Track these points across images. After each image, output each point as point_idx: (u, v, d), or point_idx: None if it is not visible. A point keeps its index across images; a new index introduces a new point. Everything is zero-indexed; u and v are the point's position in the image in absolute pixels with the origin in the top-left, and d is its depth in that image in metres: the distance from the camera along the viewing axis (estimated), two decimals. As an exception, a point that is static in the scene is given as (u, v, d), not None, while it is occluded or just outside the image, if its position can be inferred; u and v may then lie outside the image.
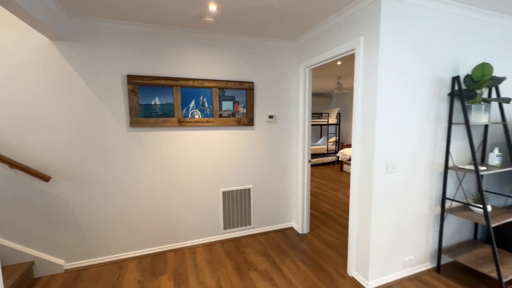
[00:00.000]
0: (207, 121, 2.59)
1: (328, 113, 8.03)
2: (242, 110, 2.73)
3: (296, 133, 2.97)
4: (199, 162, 2.66)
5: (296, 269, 2.28)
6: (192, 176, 2.65)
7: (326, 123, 7.61)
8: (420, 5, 1.88)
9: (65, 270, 2.30)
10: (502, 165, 2.14)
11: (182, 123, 2.51)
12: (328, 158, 7.59)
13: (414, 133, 2.03)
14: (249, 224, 2.95)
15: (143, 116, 2.38)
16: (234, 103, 2.69)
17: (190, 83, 2.50)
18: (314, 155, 7.51)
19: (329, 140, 8.10)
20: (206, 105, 2.59)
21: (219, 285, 2.07)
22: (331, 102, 9.02)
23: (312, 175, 6.22)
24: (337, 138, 8.12)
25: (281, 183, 3.05)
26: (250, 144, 2.85)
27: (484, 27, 2.18)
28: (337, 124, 7.97)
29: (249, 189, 2.89)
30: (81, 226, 2.32)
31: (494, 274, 1.84)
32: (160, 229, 2.59)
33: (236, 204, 2.86)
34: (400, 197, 2.03)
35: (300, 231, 3.00)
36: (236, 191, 2.84)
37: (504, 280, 1.82)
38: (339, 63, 4.01)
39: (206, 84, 2.55)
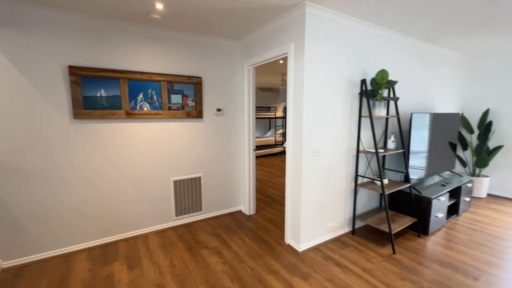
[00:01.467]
0: (156, 114, 2.69)
1: (276, 107, 8.60)
2: (191, 103, 2.90)
3: (242, 125, 3.28)
4: (149, 153, 2.76)
5: (242, 244, 2.61)
6: (143, 166, 2.74)
7: (274, 116, 8.15)
8: (336, 20, 2.34)
9: (2, 269, 2.19)
10: (396, 149, 2.82)
11: (131, 115, 2.57)
12: (276, 149, 8.18)
13: (334, 124, 2.52)
14: (201, 210, 3.17)
15: (88, 108, 2.37)
16: (183, 97, 2.84)
17: (138, 76, 2.56)
18: (263, 146, 8.00)
19: (277, 132, 8.70)
20: (155, 98, 2.68)
21: (172, 263, 2.27)
22: (279, 97, 9.63)
23: (261, 164, 6.69)
24: (284, 130, 8.77)
25: (229, 170, 3.34)
26: (200, 135, 3.05)
27: (386, 41, 2.79)
28: (284, 117, 8.60)
29: (199, 178, 3.10)
30: (18, 221, 2.22)
31: (387, 229, 2.47)
32: (110, 220, 2.63)
33: (188, 192, 3.05)
34: (323, 175, 2.52)
35: (247, 213, 3.35)
36: (187, 179, 3.03)
37: (393, 232, 2.46)
38: (281, 61, 4.43)
39: (155, 77, 2.64)
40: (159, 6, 2.12)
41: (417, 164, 2.97)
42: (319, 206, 2.54)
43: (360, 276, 2.09)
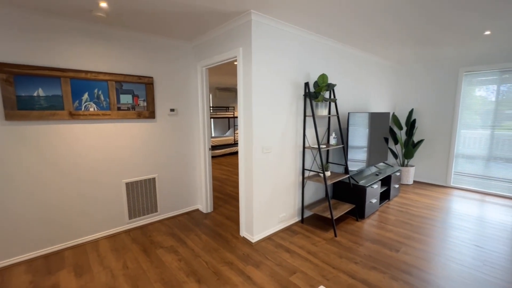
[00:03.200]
0: (104, 114, 2.60)
1: (234, 107, 8.72)
2: (142, 103, 2.86)
3: (197, 125, 3.33)
4: (98, 155, 2.65)
5: (198, 240, 2.69)
6: (91, 170, 2.62)
7: (232, 116, 8.27)
8: (281, 28, 2.56)
9: None
10: (337, 144, 3.17)
11: (75, 116, 2.45)
12: (235, 148, 8.31)
13: (282, 123, 2.74)
14: (156, 211, 3.14)
15: (22, 109, 2.19)
16: (133, 97, 2.79)
17: (82, 75, 2.45)
18: (222, 146, 8.07)
19: (236, 132, 8.84)
20: (102, 98, 2.59)
21: (125, 266, 2.25)
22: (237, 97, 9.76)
23: (221, 163, 6.76)
24: (243, 129, 8.93)
25: (186, 170, 3.36)
26: (153, 135, 3.02)
27: (327, 48, 3.12)
28: (243, 117, 8.76)
29: (154, 178, 3.07)
30: None
31: (330, 216, 2.79)
32: (54, 228, 2.46)
33: (141, 194, 3.00)
34: (273, 170, 2.73)
35: (204, 211, 3.42)
36: (141, 181, 2.97)
37: (334, 218, 2.79)
38: (236, 63, 4.56)
39: (101, 77, 2.55)
40: (103, 4, 2.07)
41: (356, 157, 3.38)
42: (270, 199, 2.75)
43: (305, 258, 2.34)
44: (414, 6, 2.17)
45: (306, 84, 2.84)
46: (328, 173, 2.98)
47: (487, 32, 2.87)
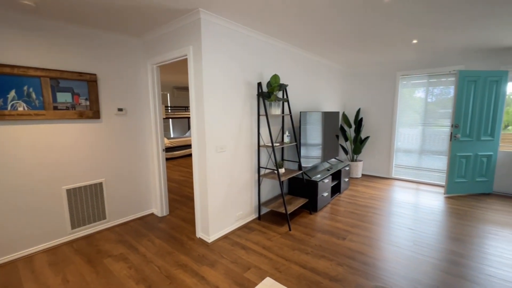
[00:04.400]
0: (36, 114, 2.33)
1: (194, 106, 8.51)
2: (84, 102, 2.64)
3: (149, 125, 3.18)
4: (30, 160, 2.37)
5: (152, 245, 2.57)
6: (23, 176, 2.33)
7: (192, 115, 8.06)
8: (232, 29, 2.58)
9: None
10: (291, 142, 3.31)
11: (-1, 116, 2.15)
12: (196, 148, 8.12)
13: (236, 122, 2.77)
14: (104, 218, 2.92)
15: None
16: (73, 95, 2.55)
17: (7, 70, 2.16)
18: (182, 147, 7.82)
19: (197, 132, 8.63)
20: (34, 96, 2.32)
21: (65, 280, 2.05)
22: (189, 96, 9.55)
23: (180, 165, 6.55)
24: (204, 129, 8.77)
25: (137, 173, 3.19)
26: (98, 137, 2.81)
27: (280, 50, 3.24)
28: (203, 117, 8.60)
29: (100, 183, 2.86)
30: None
31: (283, 211, 2.90)
32: (-26, 246, 2.14)
33: (86, 200, 2.76)
34: (228, 169, 2.74)
35: (160, 215, 3.29)
36: (85, 187, 2.74)
37: (288, 212, 2.91)
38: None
39: (32, 72, 2.29)
40: (31, -8, 1.86)
41: (309, 154, 3.57)
42: (226, 198, 2.76)
43: (260, 253, 2.40)
44: (350, 17, 2.38)
45: (259, 84, 2.91)
46: (282, 170, 3.10)
47: (415, 41, 3.27)
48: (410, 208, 3.51)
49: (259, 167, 3.08)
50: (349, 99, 5.39)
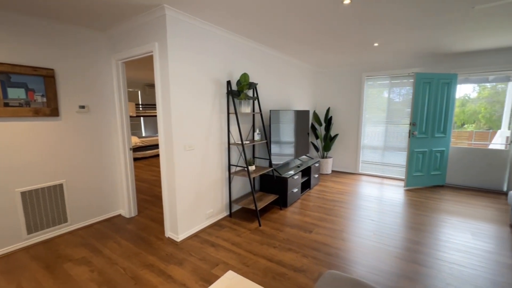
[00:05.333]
0: (-17, 111, 2.15)
1: (167, 105, 8.30)
2: (40, 99, 2.48)
3: (114, 123, 3.07)
4: (-24, 161, 2.18)
5: (117, 247, 2.50)
6: (-34, 179, 2.14)
7: (165, 114, 7.86)
8: (200, 26, 2.57)
9: None
10: (261, 140, 3.38)
11: None
12: (169, 147, 7.93)
13: (205, 121, 2.77)
14: (66, 221, 2.78)
15: None
16: (27, 91, 2.39)
17: None
18: (154, 146, 7.60)
19: (170, 131, 8.43)
20: (-19, 91, 2.14)
21: (20, 288, 1.93)
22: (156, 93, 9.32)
23: (152, 165, 6.37)
24: (178, 128, 8.59)
25: (102, 173, 3.06)
26: (58, 136, 2.65)
27: (250, 49, 3.27)
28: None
29: (61, 185, 2.70)
30: None
31: (253, 207, 2.96)
32: None
33: (44, 203, 2.60)
34: (198, 168, 2.74)
35: (128, 216, 3.18)
36: (43, 189, 2.58)
37: (259, 208, 2.97)
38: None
39: (-23, 66, 2.10)
40: (-27, -22, 1.71)
41: (279, 151, 3.66)
42: (196, 196, 2.75)
43: (229, 249, 2.43)
44: (309, 20, 2.48)
45: (228, 83, 2.93)
46: (253, 168, 3.15)
47: (376, 44, 3.48)
48: (373, 201, 3.74)
49: (229, 165, 3.10)
50: (320, 98, 5.59)
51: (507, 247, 2.47)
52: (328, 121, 5.25)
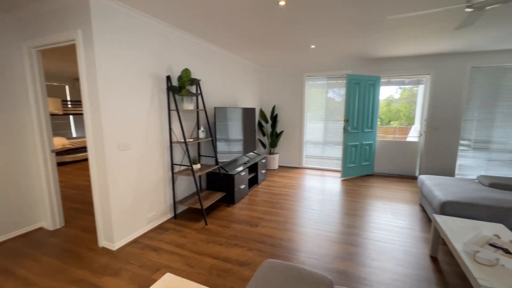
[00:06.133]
0: None
1: (103, 102, 7.49)
2: None
3: (30, 123, 2.62)
4: None
5: (36, 265, 2.15)
6: None
7: (100, 112, 7.08)
8: (134, 16, 2.37)
9: None
10: (206, 137, 3.31)
11: None
12: (107, 149, 7.17)
13: (143, 118, 2.58)
14: (-37, 242, 2.27)
15: None
16: None
17: None
18: (83, 148, 6.77)
19: (108, 131, 7.63)
20: None
21: None
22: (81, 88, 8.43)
23: (85, 168, 5.67)
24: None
25: (14, 182, 2.59)
26: None
27: (193, 44, 3.16)
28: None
29: (-46, 198, 2.19)
30: None
31: (199, 206, 2.89)
32: None
33: None
34: (136, 168, 2.54)
35: (51, 228, 2.77)
36: None
37: (205, 207, 2.92)
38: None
39: None
40: None
41: (226, 149, 3.65)
42: (135, 200, 2.55)
43: (173, 252, 2.33)
44: (248, 20, 2.54)
45: (168, 78, 2.78)
46: (198, 166, 3.07)
47: (313, 46, 3.75)
48: (315, 192, 4.04)
49: (172, 164, 2.96)
50: (266, 96, 5.76)
51: (417, 222, 2.95)
52: (274, 118, 5.45)
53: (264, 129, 5.49)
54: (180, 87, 2.88)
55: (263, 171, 4.58)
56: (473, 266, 1.51)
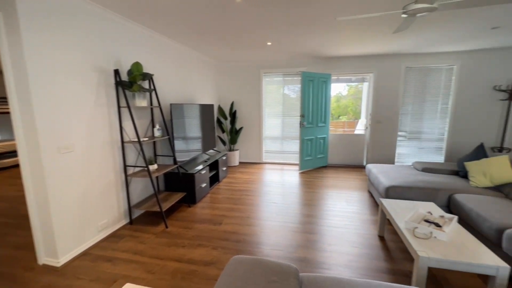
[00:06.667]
0: None
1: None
2: None
3: None
4: None
5: (-46, 296, 1.78)
6: None
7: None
8: (78, 6, 2.09)
9: None
10: (162, 136, 3.13)
11: None
12: (43, 153, 6.26)
13: (86, 116, 2.31)
14: None
15: None
16: None
17: None
18: (13, 153, 5.82)
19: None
20: None
21: None
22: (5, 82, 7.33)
23: (14, 177, 4.88)
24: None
25: None
26: None
27: (144, 36, 2.93)
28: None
29: None
30: None
31: (158, 209, 2.73)
32: None
33: None
34: (81, 172, 2.27)
35: (-27, 250, 2.32)
36: None
37: (164, 209, 2.77)
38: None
39: None
40: None
41: (184, 147, 3.51)
42: (82, 207, 2.28)
43: (130, 260, 2.16)
44: (204, 14, 2.47)
45: (116, 72, 2.54)
46: (154, 166, 2.89)
47: (269, 43, 3.81)
48: (275, 186, 4.15)
49: (125, 166, 2.73)
50: (224, 93, 5.68)
51: (367, 207, 3.26)
52: (233, 115, 5.42)
53: (223, 125, 5.43)
54: (131, 82, 2.66)
55: (224, 168, 4.53)
56: (413, 240, 1.74)
